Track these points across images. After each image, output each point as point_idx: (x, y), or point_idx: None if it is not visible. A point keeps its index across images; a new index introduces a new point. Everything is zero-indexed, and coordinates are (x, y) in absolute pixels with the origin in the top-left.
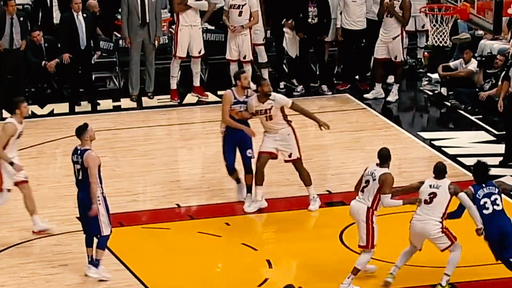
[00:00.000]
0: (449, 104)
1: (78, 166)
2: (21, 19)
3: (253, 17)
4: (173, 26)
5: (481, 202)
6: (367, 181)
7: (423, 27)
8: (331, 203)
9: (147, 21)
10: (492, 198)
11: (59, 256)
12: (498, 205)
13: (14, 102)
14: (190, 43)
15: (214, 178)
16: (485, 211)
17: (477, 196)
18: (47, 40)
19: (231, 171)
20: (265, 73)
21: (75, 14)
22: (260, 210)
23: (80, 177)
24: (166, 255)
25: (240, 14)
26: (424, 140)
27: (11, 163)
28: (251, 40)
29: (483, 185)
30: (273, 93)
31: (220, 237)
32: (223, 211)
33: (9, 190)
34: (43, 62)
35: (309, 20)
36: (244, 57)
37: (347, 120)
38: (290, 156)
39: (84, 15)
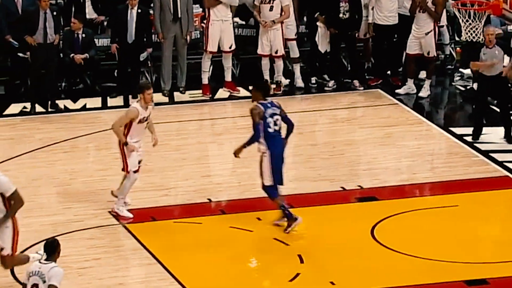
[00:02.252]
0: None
1: None
2: (54, 13)
3: (284, 12)
4: (205, 21)
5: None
6: None
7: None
8: (362, 198)
9: (179, 16)
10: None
11: (92, 250)
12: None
13: (139, 87)
14: (221, 38)
15: (245, 173)
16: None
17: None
18: (84, 31)
19: None
20: (297, 68)
21: (129, 8)
22: (290, 205)
23: None
24: (197, 249)
25: (271, 9)
26: (456, 135)
27: (125, 143)
28: (283, 35)
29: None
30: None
31: (252, 231)
32: (254, 206)
33: (135, 172)
34: (72, 54)
35: (341, 15)
36: (276, 52)
37: (379, 115)
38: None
39: (139, 10)
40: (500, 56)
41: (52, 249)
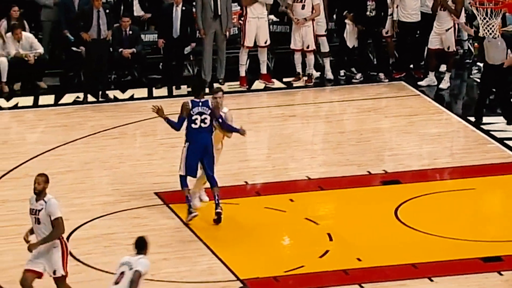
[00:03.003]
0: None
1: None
2: (107, 11)
3: (315, 10)
4: (242, 18)
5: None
6: None
7: None
8: (387, 181)
9: (219, 13)
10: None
11: (137, 228)
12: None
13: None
14: (257, 34)
15: (279, 158)
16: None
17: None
18: (131, 28)
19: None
20: (327, 62)
21: (174, 5)
22: (321, 187)
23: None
24: (235, 228)
25: (303, 7)
26: (473, 124)
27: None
28: (313, 31)
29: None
30: None
31: (285, 212)
32: (287, 188)
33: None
34: (120, 49)
35: (368, 13)
36: (307, 47)
37: (403, 105)
38: None
39: (184, 8)
40: (503, 47)
41: (142, 245)
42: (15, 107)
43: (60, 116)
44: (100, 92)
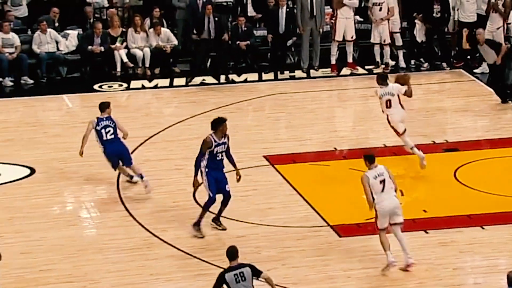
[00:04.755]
0: None
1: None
2: (216, 19)
3: (390, 12)
4: (333, 18)
5: None
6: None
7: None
8: (447, 149)
9: (315, 14)
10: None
11: (250, 183)
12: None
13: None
14: (345, 31)
15: (362, 130)
16: None
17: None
18: (246, 25)
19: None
20: (400, 53)
21: (280, 7)
22: (395, 153)
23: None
24: (326, 184)
25: (380, 9)
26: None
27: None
28: (389, 28)
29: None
30: None
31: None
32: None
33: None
34: (237, 42)
35: (434, 14)
36: (384, 41)
37: (461, 88)
38: None
39: (287, 9)
40: (489, 50)
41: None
42: (155, 87)
43: (189, 94)
44: (221, 76)
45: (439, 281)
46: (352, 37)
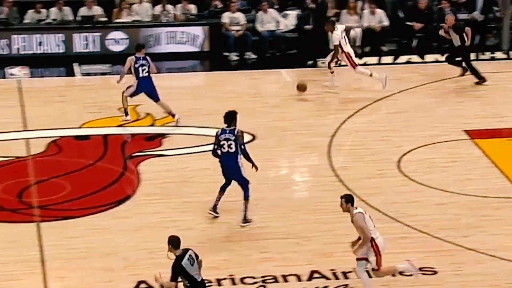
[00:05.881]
0: None
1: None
2: None
3: None
4: None
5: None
6: None
7: None
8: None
9: None
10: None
11: (450, 156)
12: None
13: None
14: None
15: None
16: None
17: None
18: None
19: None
20: None
21: None
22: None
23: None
24: None
25: None
26: None
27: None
28: None
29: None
30: None
31: None
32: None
33: None
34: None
35: None
36: None
37: None
38: None
39: None
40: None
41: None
42: (364, 64)
43: (395, 72)
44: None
45: None
46: None
